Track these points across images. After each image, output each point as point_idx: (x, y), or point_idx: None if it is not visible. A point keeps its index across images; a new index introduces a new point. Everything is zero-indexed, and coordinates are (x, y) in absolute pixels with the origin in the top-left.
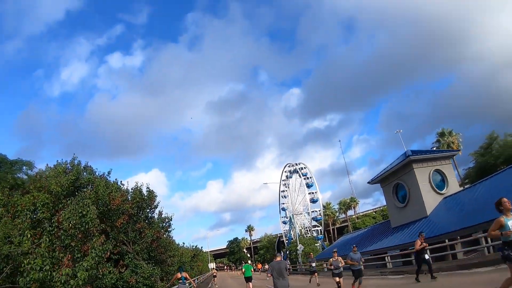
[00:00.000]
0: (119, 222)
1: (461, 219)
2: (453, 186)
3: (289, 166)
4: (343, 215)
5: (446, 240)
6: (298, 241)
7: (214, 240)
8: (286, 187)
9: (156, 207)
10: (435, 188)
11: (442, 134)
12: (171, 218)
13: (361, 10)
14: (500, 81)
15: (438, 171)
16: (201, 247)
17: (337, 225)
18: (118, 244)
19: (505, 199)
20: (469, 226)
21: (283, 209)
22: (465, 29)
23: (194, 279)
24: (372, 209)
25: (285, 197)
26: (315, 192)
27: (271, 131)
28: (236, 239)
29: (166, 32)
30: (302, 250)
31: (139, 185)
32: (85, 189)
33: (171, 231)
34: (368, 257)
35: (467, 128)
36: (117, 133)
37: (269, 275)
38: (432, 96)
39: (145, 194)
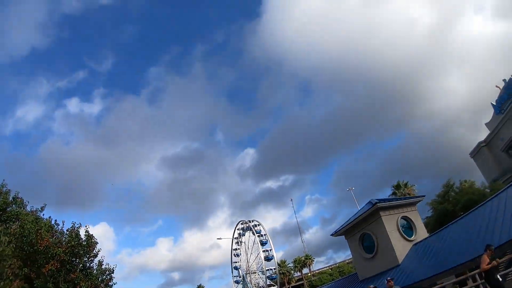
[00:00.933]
0: (46, 268)
1: (434, 265)
2: (421, 232)
3: (242, 224)
4: (298, 273)
5: None
6: None
7: None
8: (238, 245)
9: (95, 255)
10: (404, 235)
11: (398, 187)
12: (113, 270)
13: (317, 73)
14: (447, 137)
15: (405, 218)
16: None
17: (292, 284)
18: None
19: None
20: (443, 271)
21: (236, 268)
22: (414, 90)
23: None
24: (328, 266)
25: (237, 255)
26: (270, 250)
27: (224, 190)
28: None
29: (128, 83)
30: None
31: (75, 226)
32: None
33: (112, 286)
34: None
35: (417, 182)
36: (67, 181)
37: None
38: (383, 154)
39: (83, 239)
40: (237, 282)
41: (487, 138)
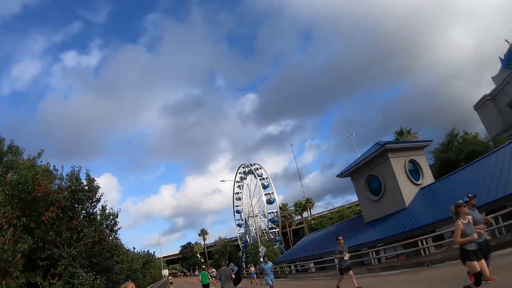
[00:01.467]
0: (46, 216)
1: (442, 210)
2: (428, 177)
3: (243, 167)
4: (299, 217)
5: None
6: (259, 242)
7: (167, 246)
8: (240, 189)
9: (98, 200)
10: (411, 179)
11: (401, 133)
12: (117, 214)
13: (319, 19)
14: (448, 90)
15: (412, 162)
16: (153, 252)
17: (292, 227)
18: (47, 246)
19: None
20: (451, 217)
21: (238, 212)
22: (416, 41)
23: None
24: (327, 211)
25: (239, 199)
26: (272, 193)
27: (225, 136)
28: (189, 243)
29: (125, 32)
30: (268, 251)
31: (75, 170)
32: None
33: (117, 230)
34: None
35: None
36: (69, 135)
37: (217, 280)
38: (383, 104)
39: (84, 183)
40: (239, 225)
41: (493, 92)
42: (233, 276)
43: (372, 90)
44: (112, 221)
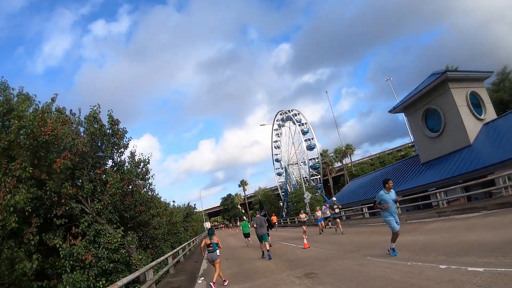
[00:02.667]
0: (58, 164)
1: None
2: (490, 111)
3: (281, 114)
4: (338, 164)
5: None
6: (304, 188)
7: (208, 200)
8: (278, 136)
9: (126, 146)
10: (474, 113)
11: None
12: (148, 160)
13: None
14: (489, 34)
15: (474, 94)
16: (194, 205)
17: (332, 175)
18: (63, 201)
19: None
20: None
21: (277, 160)
22: None
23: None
24: (368, 157)
25: (278, 147)
26: (312, 139)
27: (261, 88)
28: (229, 195)
29: None
30: (310, 199)
31: (94, 109)
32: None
33: (149, 178)
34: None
35: None
36: (106, 102)
37: (254, 225)
38: (421, 49)
39: (107, 126)
40: (279, 174)
41: None
42: (266, 223)
43: (409, 34)
44: (143, 169)
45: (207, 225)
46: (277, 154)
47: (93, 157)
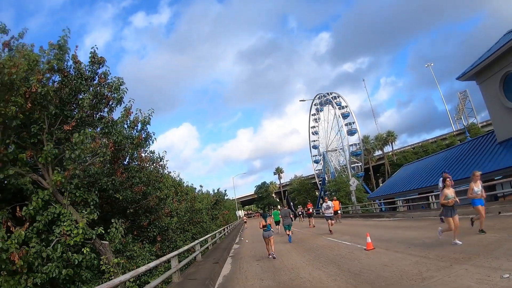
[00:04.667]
0: None
1: None
2: None
3: (319, 98)
4: (379, 152)
5: None
6: (349, 175)
7: (244, 188)
8: (316, 122)
9: (119, 101)
10: None
11: None
12: (149, 120)
13: None
14: None
15: None
16: (225, 191)
17: (372, 163)
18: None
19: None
20: None
21: (314, 147)
22: None
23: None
24: (409, 145)
25: (315, 133)
26: (353, 123)
27: (300, 77)
28: (264, 183)
29: None
30: (356, 186)
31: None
32: None
33: (150, 143)
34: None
35: None
36: (148, 92)
37: (281, 216)
38: (461, 37)
39: (86, 64)
40: (316, 162)
41: None
42: (292, 215)
43: (449, 22)
44: (143, 132)
45: (240, 213)
46: (314, 141)
47: (59, 107)
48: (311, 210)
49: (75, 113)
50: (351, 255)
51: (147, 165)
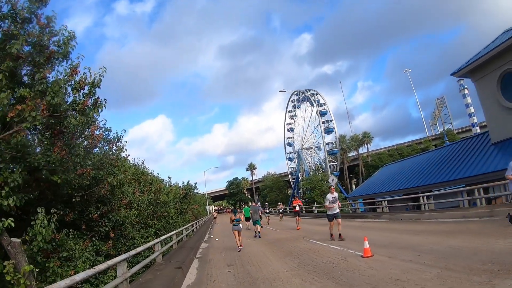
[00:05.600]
0: None
1: None
2: None
3: (297, 94)
4: (353, 153)
5: None
6: (329, 172)
7: (216, 183)
8: (292, 119)
9: (66, 56)
10: None
11: None
12: (99, 81)
13: None
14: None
15: None
16: (195, 184)
17: (347, 164)
18: None
19: None
20: None
21: (289, 144)
22: None
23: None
24: (385, 148)
25: (291, 130)
26: (330, 121)
27: (279, 76)
28: (236, 179)
29: None
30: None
31: None
32: None
33: (97, 111)
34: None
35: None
36: (126, 82)
37: (250, 212)
38: (440, 47)
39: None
40: (290, 159)
41: None
42: (261, 211)
43: (429, 31)
44: (91, 98)
45: (211, 208)
46: (289, 138)
47: None
48: (298, 208)
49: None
50: (345, 263)
51: (101, 144)
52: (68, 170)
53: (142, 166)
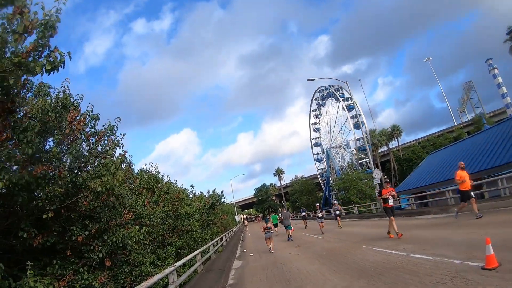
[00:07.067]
0: None
1: None
2: None
3: (320, 91)
4: (384, 148)
5: None
6: (373, 167)
7: (244, 192)
8: (317, 118)
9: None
10: None
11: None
12: (56, 21)
13: None
14: None
15: None
16: (221, 192)
17: (378, 160)
18: None
19: None
20: None
21: (316, 145)
22: None
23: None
24: (415, 140)
25: (317, 130)
26: (359, 115)
27: (300, 81)
28: (264, 185)
29: None
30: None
31: None
32: None
33: (53, 62)
34: None
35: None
36: (149, 99)
37: (281, 217)
38: (457, 36)
39: None
40: (318, 160)
41: None
42: (289, 217)
43: (445, 20)
44: (41, 41)
45: (240, 218)
46: (316, 138)
47: None
48: (391, 202)
49: None
50: (469, 284)
51: (79, 135)
52: (22, 166)
53: (155, 173)
